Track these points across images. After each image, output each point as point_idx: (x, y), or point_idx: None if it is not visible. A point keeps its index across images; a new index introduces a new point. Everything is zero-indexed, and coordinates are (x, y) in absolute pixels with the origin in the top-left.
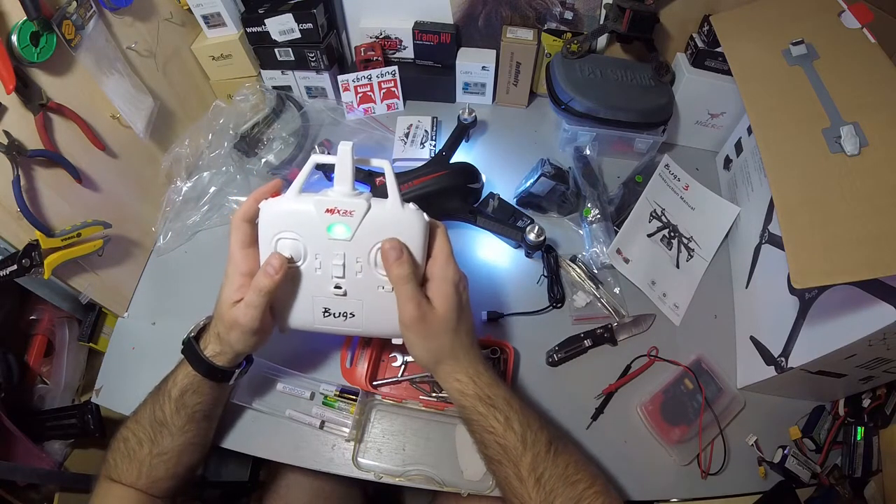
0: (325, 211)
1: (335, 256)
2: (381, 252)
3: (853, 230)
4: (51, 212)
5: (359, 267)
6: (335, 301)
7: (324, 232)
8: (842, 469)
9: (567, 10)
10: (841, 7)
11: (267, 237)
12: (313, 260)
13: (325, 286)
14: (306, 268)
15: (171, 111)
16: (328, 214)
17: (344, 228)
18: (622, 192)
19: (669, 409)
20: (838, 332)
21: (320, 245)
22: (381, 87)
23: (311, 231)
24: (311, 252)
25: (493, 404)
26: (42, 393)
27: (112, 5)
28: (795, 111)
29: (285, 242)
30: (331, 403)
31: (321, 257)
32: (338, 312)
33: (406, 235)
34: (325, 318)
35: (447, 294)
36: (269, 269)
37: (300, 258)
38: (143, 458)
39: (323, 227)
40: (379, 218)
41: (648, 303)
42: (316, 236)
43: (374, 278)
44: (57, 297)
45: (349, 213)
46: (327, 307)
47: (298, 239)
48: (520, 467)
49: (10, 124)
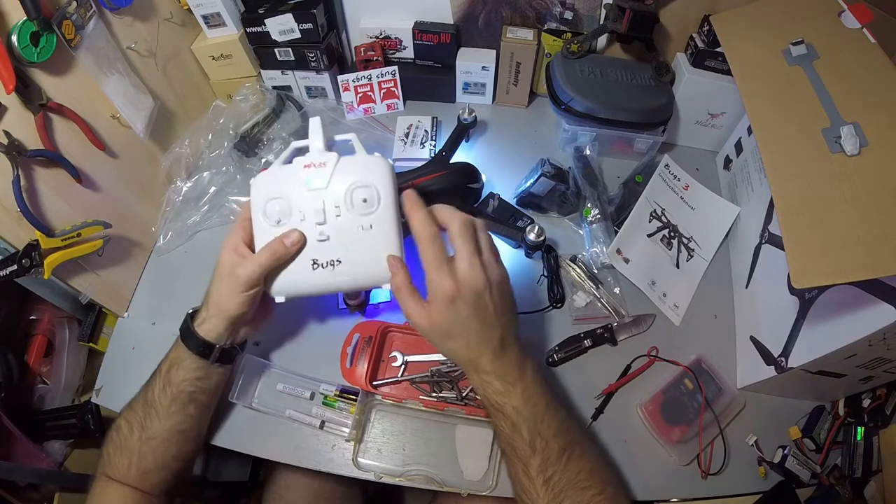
0: (304, 167)
1: (316, 204)
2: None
3: (853, 230)
4: (51, 212)
5: (337, 211)
6: (321, 249)
7: (304, 186)
8: (842, 469)
9: (567, 10)
10: (841, 7)
11: (257, 204)
12: (297, 213)
13: (311, 235)
14: (293, 222)
15: (171, 111)
16: (306, 170)
17: (320, 178)
18: (622, 192)
19: (669, 409)
20: (838, 332)
21: (302, 198)
22: (381, 87)
23: (293, 188)
24: (294, 207)
25: (501, 410)
26: (42, 393)
27: (112, 5)
28: (795, 111)
29: (273, 204)
30: (331, 403)
31: (304, 209)
32: (325, 262)
33: (374, 175)
34: (315, 270)
35: (436, 310)
36: (288, 241)
37: (286, 216)
38: (133, 446)
39: (303, 182)
40: (349, 165)
41: (648, 303)
42: (298, 192)
43: (353, 219)
44: (57, 297)
45: (322, 164)
46: (315, 258)
47: (284, 198)
48: (528, 467)
49: (10, 124)
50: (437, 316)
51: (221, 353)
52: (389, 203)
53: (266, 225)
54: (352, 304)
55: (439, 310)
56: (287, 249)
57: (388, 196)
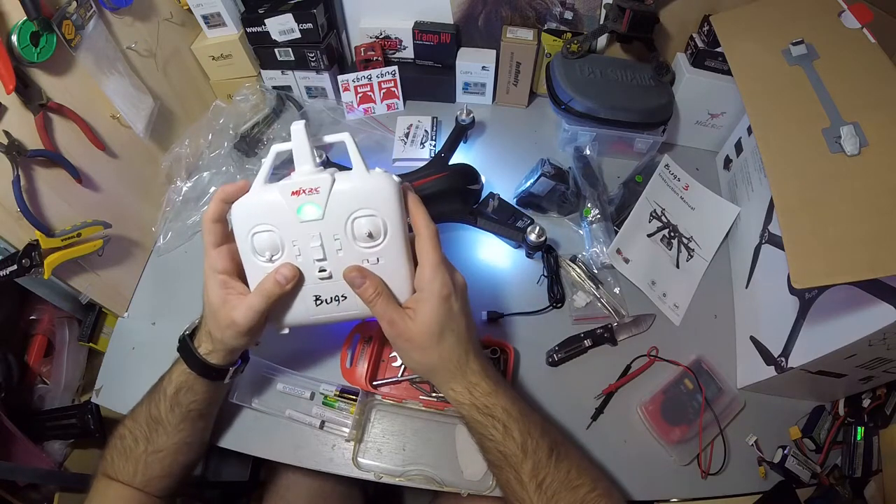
0: (292, 194)
1: (312, 239)
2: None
3: (853, 230)
4: (51, 212)
5: (338, 244)
6: (323, 286)
7: (295, 216)
8: (842, 469)
9: (567, 10)
10: (841, 7)
11: (242, 234)
12: (292, 248)
13: (310, 272)
14: (287, 258)
15: (171, 111)
16: (295, 197)
17: (314, 207)
18: (622, 192)
19: (669, 409)
20: (838, 332)
21: (295, 231)
22: (381, 87)
23: (282, 218)
24: (287, 240)
25: (491, 414)
26: (42, 393)
27: (112, 5)
28: (795, 111)
29: (262, 237)
30: (331, 403)
31: (298, 243)
32: (329, 298)
33: (378, 200)
34: (318, 306)
35: (431, 308)
36: (281, 277)
37: (279, 250)
38: (139, 456)
39: (293, 211)
40: (347, 188)
41: (648, 303)
42: (288, 223)
43: (357, 252)
44: (57, 297)
45: (315, 190)
46: (317, 294)
47: (274, 230)
48: (521, 473)
49: (10, 124)
50: (429, 314)
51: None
52: (398, 231)
53: (256, 260)
54: None
55: (433, 308)
56: (282, 289)
57: (395, 224)
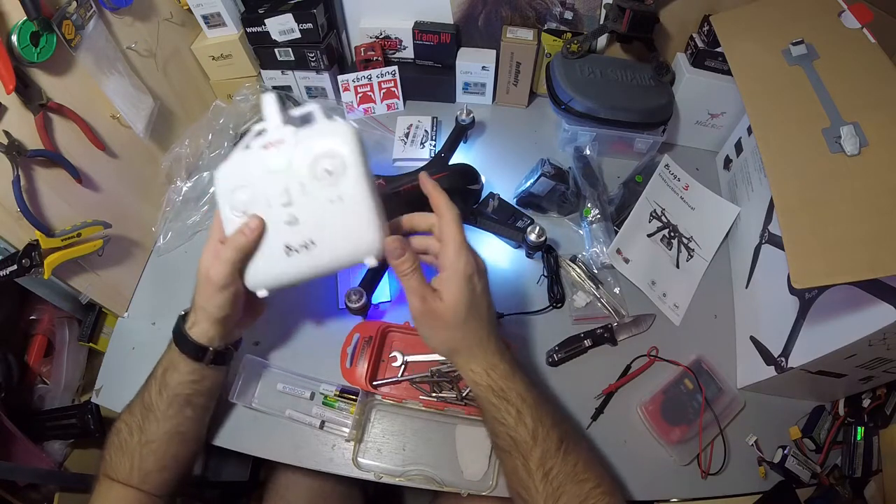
0: (262, 149)
1: (279, 186)
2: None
3: (853, 230)
4: (51, 212)
5: (303, 188)
6: (292, 232)
7: (265, 169)
8: (842, 469)
9: (567, 10)
10: (841, 7)
11: (223, 197)
12: (262, 199)
13: (278, 219)
14: (260, 210)
15: (171, 111)
16: (265, 152)
17: (280, 157)
18: (622, 192)
19: (669, 409)
20: (838, 332)
21: (265, 182)
22: (381, 87)
23: (254, 174)
24: (259, 193)
25: (506, 398)
26: (42, 393)
27: (112, 5)
28: (795, 111)
29: (238, 195)
30: (331, 403)
31: (268, 193)
32: (298, 245)
33: (336, 142)
34: (290, 257)
35: (457, 287)
36: (246, 228)
37: (252, 205)
38: (134, 449)
39: (263, 164)
40: (308, 137)
41: (648, 303)
42: (260, 176)
43: (321, 193)
44: (57, 297)
45: (280, 141)
46: (287, 243)
47: (247, 185)
48: (529, 461)
49: (10, 124)
50: (455, 295)
51: (215, 356)
52: (357, 168)
53: (234, 218)
54: (353, 307)
55: (460, 286)
56: (248, 238)
57: (354, 162)
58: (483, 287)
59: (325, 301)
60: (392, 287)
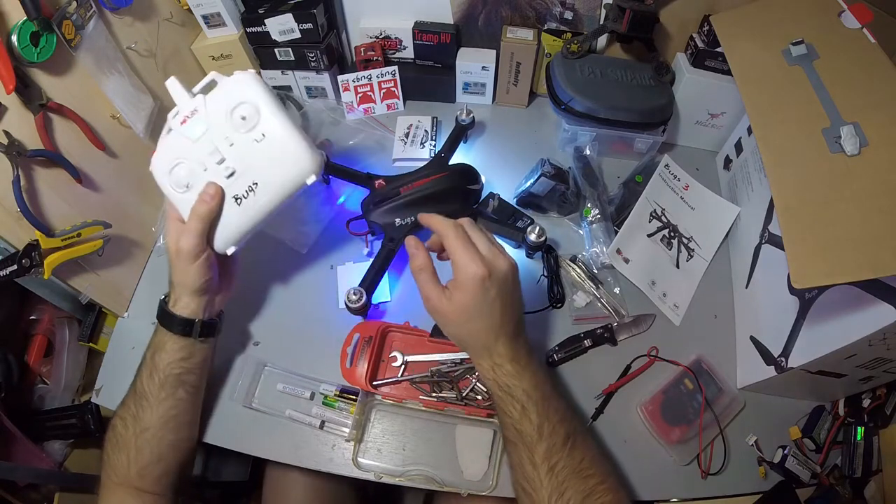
0: (181, 124)
1: (208, 148)
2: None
3: (853, 230)
4: (51, 212)
5: (228, 141)
6: (234, 184)
7: (191, 142)
8: (842, 469)
9: (567, 10)
10: (841, 7)
11: (163, 178)
12: (198, 167)
13: (220, 178)
14: (200, 178)
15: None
16: (184, 126)
17: (198, 124)
18: (622, 192)
19: (669, 409)
20: (838, 332)
21: (195, 152)
22: (381, 87)
23: (183, 148)
24: (194, 164)
25: (510, 394)
26: (42, 393)
27: (112, 5)
28: (795, 111)
29: (176, 173)
30: (331, 403)
31: (202, 160)
32: (244, 191)
33: (241, 90)
34: (241, 205)
35: (462, 291)
36: (206, 196)
37: (190, 177)
38: (129, 441)
39: (187, 138)
40: (216, 97)
41: (648, 303)
42: (188, 148)
43: (245, 138)
44: (57, 297)
45: (194, 111)
46: (234, 194)
47: (181, 161)
48: (534, 454)
49: (10, 124)
50: (463, 297)
51: (203, 327)
52: (267, 105)
53: (180, 195)
54: (353, 307)
55: (469, 290)
56: (209, 205)
57: (263, 100)
58: (497, 292)
59: (325, 301)
60: (392, 287)
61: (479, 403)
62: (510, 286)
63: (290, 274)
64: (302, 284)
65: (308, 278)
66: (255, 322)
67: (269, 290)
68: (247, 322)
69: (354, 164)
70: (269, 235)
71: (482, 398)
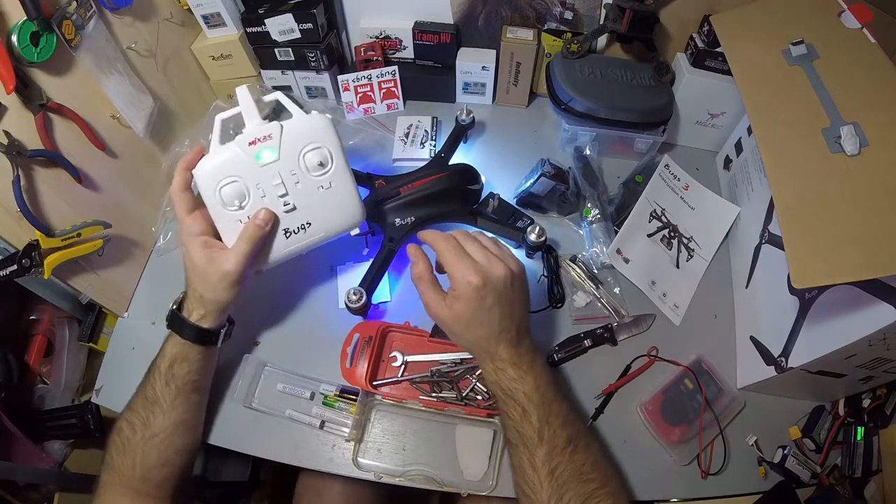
0: (249, 145)
1: (273, 178)
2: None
3: (853, 230)
4: (51, 212)
5: (295, 178)
6: (290, 218)
7: (255, 163)
8: (842, 469)
9: (567, 10)
10: (841, 7)
11: (209, 192)
12: (256, 191)
13: (277, 209)
14: (255, 201)
15: (171, 111)
16: (252, 147)
17: (270, 152)
18: (622, 192)
19: (669, 409)
20: (838, 332)
21: (257, 175)
22: (381, 87)
23: (244, 168)
24: (251, 185)
25: (512, 397)
26: (42, 393)
27: (112, 5)
28: (795, 111)
29: (228, 189)
30: (331, 403)
31: (262, 186)
32: (296, 227)
33: (320, 134)
34: (288, 238)
35: (459, 304)
36: (260, 221)
37: (245, 197)
38: (136, 445)
39: (252, 159)
40: (294, 130)
41: (648, 303)
42: (250, 170)
43: (312, 181)
44: (57, 297)
45: (268, 137)
46: (286, 227)
47: (238, 180)
48: (535, 456)
49: (10, 124)
50: (461, 307)
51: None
52: (340, 158)
53: (226, 212)
54: (353, 307)
55: (465, 300)
56: (263, 231)
57: (337, 152)
58: (495, 300)
59: (325, 301)
60: (392, 287)
61: (479, 403)
62: (510, 291)
63: (291, 274)
64: (302, 284)
65: (308, 278)
66: (255, 322)
67: (270, 290)
68: (247, 322)
69: (354, 164)
70: None
71: (482, 398)
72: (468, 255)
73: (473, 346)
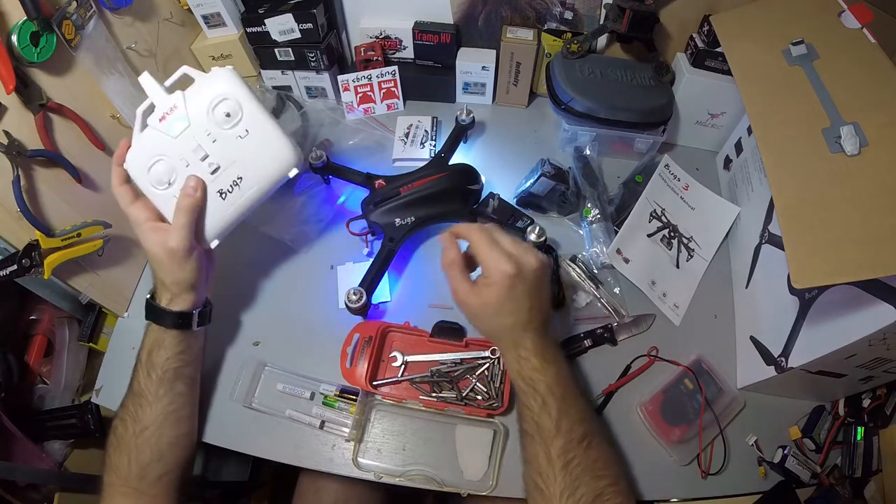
0: (160, 121)
1: (190, 144)
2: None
3: (853, 230)
4: (51, 212)
5: (211, 137)
6: (220, 179)
7: (170, 137)
8: (842, 469)
9: (567, 10)
10: (841, 7)
11: (141, 179)
12: (180, 163)
13: (203, 173)
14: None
15: None
16: (163, 122)
17: (179, 121)
18: (622, 192)
19: (669, 409)
20: (838, 332)
21: (176, 148)
22: (381, 87)
23: (162, 145)
24: (175, 159)
25: (533, 387)
26: (42, 393)
27: (112, 5)
28: (795, 111)
29: (155, 169)
30: (331, 403)
31: (184, 156)
32: (229, 186)
33: (222, 86)
34: (225, 199)
35: (490, 291)
36: (188, 189)
37: (172, 173)
38: (130, 441)
39: (166, 134)
40: (196, 93)
41: (648, 303)
42: (168, 145)
43: (228, 135)
44: (57, 297)
45: (174, 107)
46: (219, 188)
47: (161, 158)
48: (550, 448)
49: (10, 124)
50: (491, 294)
51: (200, 317)
52: (249, 101)
53: (161, 192)
54: (353, 307)
55: (497, 288)
56: (194, 198)
57: (245, 97)
58: (525, 290)
59: (325, 301)
60: (392, 287)
61: (479, 403)
62: (539, 283)
63: (290, 274)
64: (302, 284)
65: (308, 278)
66: (255, 322)
67: (269, 290)
68: (247, 322)
69: (354, 164)
70: (269, 235)
71: (482, 398)
72: (502, 245)
73: (500, 334)
